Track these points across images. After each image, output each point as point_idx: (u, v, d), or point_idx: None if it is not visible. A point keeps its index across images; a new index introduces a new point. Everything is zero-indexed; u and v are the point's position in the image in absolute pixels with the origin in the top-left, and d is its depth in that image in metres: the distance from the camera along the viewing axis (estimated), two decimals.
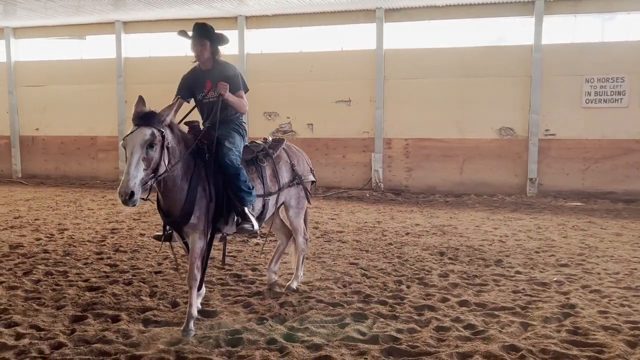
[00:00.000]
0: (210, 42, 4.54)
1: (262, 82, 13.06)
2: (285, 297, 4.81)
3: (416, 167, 12.32)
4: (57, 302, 4.61)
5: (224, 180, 4.14)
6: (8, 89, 14.54)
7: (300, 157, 5.09)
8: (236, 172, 4.16)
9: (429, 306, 4.57)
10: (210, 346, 3.72)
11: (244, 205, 4.19)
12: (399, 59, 12.27)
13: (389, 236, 7.59)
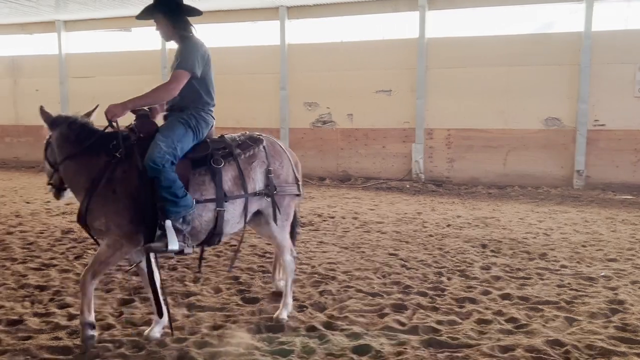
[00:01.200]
0: (164, 14, 3.80)
1: (302, 73, 13.11)
2: (324, 285, 4.85)
3: (458, 158, 12.12)
4: (106, 286, 4.79)
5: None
6: (59, 80, 15.09)
7: (285, 160, 4.07)
8: (156, 176, 3.41)
9: (470, 298, 4.52)
10: (251, 331, 3.80)
11: (165, 217, 3.42)
12: (442, 48, 12.05)
13: (430, 228, 7.52)
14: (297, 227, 4.59)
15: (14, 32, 15.71)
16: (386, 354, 3.43)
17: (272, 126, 13.43)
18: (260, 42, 13.55)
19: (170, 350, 3.45)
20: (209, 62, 3.84)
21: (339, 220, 8.03)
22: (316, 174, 13.06)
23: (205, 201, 3.60)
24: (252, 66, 13.49)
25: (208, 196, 3.63)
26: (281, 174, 4.00)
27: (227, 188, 3.69)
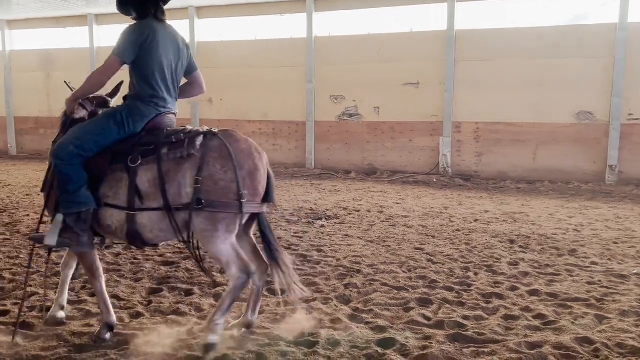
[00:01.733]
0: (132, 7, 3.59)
1: (329, 65, 13.09)
2: (349, 278, 4.86)
3: (487, 152, 11.96)
4: (135, 275, 4.90)
5: None
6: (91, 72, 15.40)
7: (229, 165, 3.23)
8: (54, 166, 3.34)
9: (497, 294, 4.47)
10: (277, 322, 3.83)
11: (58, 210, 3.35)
12: (471, 40, 11.87)
13: (457, 222, 7.44)
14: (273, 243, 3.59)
15: (48, 26, 16.08)
16: (411, 347, 3.42)
17: (298, 119, 13.48)
18: (287, 35, 13.58)
19: (198, 339, 3.50)
20: (150, 48, 3.42)
21: (364, 213, 8.02)
22: (342, 167, 13.06)
23: (113, 204, 3.32)
24: (279, 59, 13.52)
25: (118, 196, 3.30)
26: (220, 182, 3.23)
27: (143, 190, 3.25)
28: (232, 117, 14.18)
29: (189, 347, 3.41)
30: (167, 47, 3.53)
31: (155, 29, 3.49)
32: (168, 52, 3.53)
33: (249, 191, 3.28)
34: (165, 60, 3.51)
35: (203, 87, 3.95)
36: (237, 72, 14.01)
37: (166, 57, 3.51)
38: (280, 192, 9.99)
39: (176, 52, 3.60)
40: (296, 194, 9.80)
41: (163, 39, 3.51)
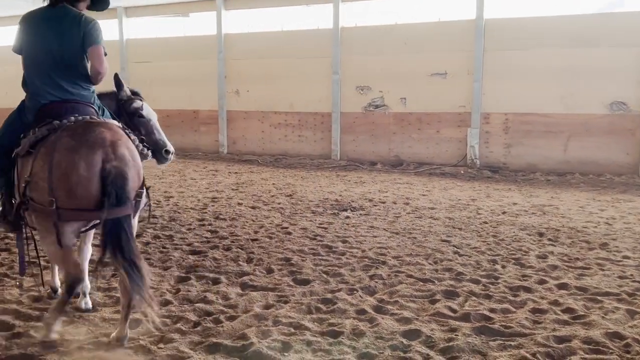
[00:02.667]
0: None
1: (355, 56, 13.01)
2: (375, 270, 4.86)
3: (516, 144, 11.74)
4: (164, 264, 4.99)
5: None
6: (120, 65, 15.64)
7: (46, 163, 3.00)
8: None
9: (525, 287, 4.41)
10: (302, 312, 3.87)
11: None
12: (501, 29, 11.63)
13: (484, 214, 7.36)
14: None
15: None
16: (437, 339, 3.41)
17: (323, 110, 13.46)
18: (313, 26, 13.55)
19: (224, 327, 3.56)
20: (23, 39, 3.43)
21: (390, 205, 7.99)
22: (367, 158, 13.01)
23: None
24: (305, 50, 13.50)
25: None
26: (39, 182, 3.03)
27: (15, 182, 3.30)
28: (259, 109, 14.25)
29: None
30: (43, 32, 3.39)
31: (31, 18, 3.45)
32: (45, 38, 3.38)
33: (64, 194, 2.96)
34: (42, 48, 3.38)
35: (96, 66, 3.46)
36: (264, 63, 14.05)
37: (43, 44, 3.38)
38: (305, 183, 10.03)
39: (59, 35, 3.38)
40: (321, 185, 9.82)
41: (39, 26, 3.41)
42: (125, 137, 3.25)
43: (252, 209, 7.59)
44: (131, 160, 3.10)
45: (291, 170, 11.99)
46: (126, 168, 3.03)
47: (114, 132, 3.16)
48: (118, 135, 3.16)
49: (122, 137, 3.19)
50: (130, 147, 3.20)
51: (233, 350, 3.25)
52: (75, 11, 3.48)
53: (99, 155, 2.97)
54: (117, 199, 2.96)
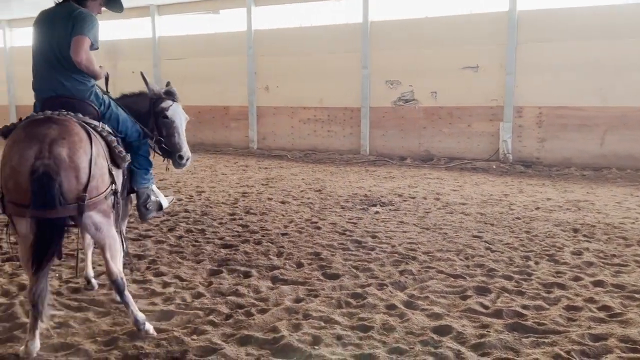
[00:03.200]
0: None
1: (385, 50, 12.93)
2: (405, 265, 4.84)
3: (550, 138, 11.48)
4: (197, 257, 5.08)
5: None
6: (153, 62, 15.92)
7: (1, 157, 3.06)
8: None
9: (559, 284, 4.33)
10: (332, 306, 3.89)
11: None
12: (534, 21, 11.37)
13: (517, 210, 7.23)
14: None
15: (112, 18, 16.70)
16: (468, 335, 3.38)
17: (353, 105, 13.43)
18: (343, 21, 13.50)
19: (255, 320, 3.61)
20: (33, 37, 3.60)
21: (420, 200, 7.93)
22: (397, 153, 12.93)
23: None
24: (334, 45, 13.48)
25: None
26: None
27: None
28: (288, 104, 14.30)
29: None
30: (45, 30, 3.52)
31: (39, 17, 3.60)
32: (45, 35, 3.51)
33: (4, 186, 2.98)
34: (42, 45, 3.52)
35: (73, 56, 3.43)
36: (293, 59, 14.09)
37: (43, 41, 3.51)
38: (335, 178, 10.04)
39: (55, 31, 3.47)
40: (350, 181, 9.81)
41: (42, 24, 3.55)
42: (80, 136, 3.06)
43: (282, 203, 7.65)
44: (66, 161, 2.91)
45: (320, 166, 12.01)
46: (56, 168, 2.87)
47: (64, 130, 3.01)
48: (66, 133, 3.00)
49: (70, 135, 3.01)
50: (76, 147, 2.98)
51: (264, 342, 3.29)
52: (76, 8, 3.53)
53: (32, 150, 2.89)
54: (42, 199, 2.84)
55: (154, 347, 3.20)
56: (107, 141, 3.36)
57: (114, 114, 3.72)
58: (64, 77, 3.49)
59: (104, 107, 3.67)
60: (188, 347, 3.19)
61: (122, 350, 3.16)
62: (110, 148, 3.36)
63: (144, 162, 3.91)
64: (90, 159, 3.02)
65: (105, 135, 3.36)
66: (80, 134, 3.08)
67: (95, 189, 3.06)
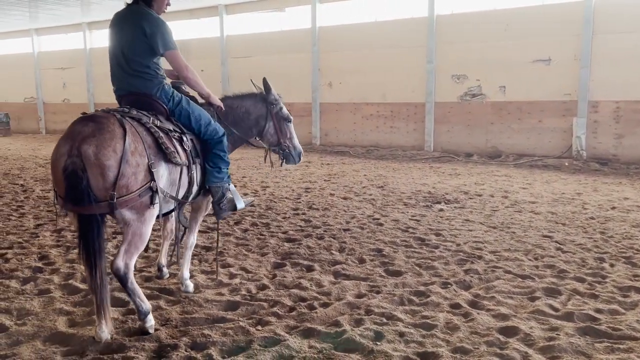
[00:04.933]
0: None
1: (451, 44, 12.65)
2: (470, 264, 4.73)
3: (628, 134, 10.83)
4: (261, 250, 5.20)
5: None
6: (221, 60, 16.38)
7: None
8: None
9: (636, 288, 4.09)
10: (395, 303, 3.87)
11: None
12: (612, 11, 10.75)
13: (591, 209, 6.89)
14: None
15: (183, 18, 17.35)
16: (536, 338, 3.27)
17: (417, 101, 13.24)
18: (407, 15, 13.32)
19: (318, 313, 3.65)
20: (108, 38, 3.78)
21: (487, 198, 7.72)
22: (463, 150, 12.63)
23: None
24: (398, 40, 13.34)
25: None
26: None
27: None
28: (351, 100, 14.30)
29: None
30: (116, 32, 3.70)
31: (112, 19, 3.76)
32: (116, 36, 3.69)
33: (55, 183, 3.16)
34: (117, 46, 3.68)
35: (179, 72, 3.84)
36: (357, 55, 14.06)
37: (114, 41, 3.70)
38: (397, 175, 9.95)
39: (123, 31, 3.64)
40: (414, 177, 9.69)
41: (114, 25, 3.72)
42: (112, 134, 3.06)
43: (344, 199, 7.67)
44: (91, 159, 2.95)
45: (383, 162, 11.93)
46: (82, 165, 2.93)
47: (97, 128, 3.04)
48: (98, 131, 3.03)
49: (101, 133, 3.03)
50: (104, 145, 2.99)
51: (327, 336, 3.32)
52: (144, 11, 3.67)
53: (66, 148, 2.99)
54: (72, 195, 2.95)
55: (220, 335, 3.31)
56: (154, 137, 3.32)
57: (184, 110, 3.77)
58: (132, 76, 3.65)
59: (173, 103, 3.74)
60: (253, 337, 3.28)
61: (191, 337, 3.29)
62: (158, 144, 3.32)
63: (217, 161, 3.90)
64: (120, 157, 3.01)
65: (153, 131, 3.34)
66: (114, 132, 3.07)
67: (125, 188, 3.05)
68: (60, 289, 4.15)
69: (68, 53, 20.46)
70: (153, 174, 3.19)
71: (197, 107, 3.90)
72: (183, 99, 3.83)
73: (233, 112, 4.26)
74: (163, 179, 3.33)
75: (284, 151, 4.57)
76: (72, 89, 20.57)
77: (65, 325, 3.50)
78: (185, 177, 3.57)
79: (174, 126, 3.65)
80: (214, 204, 4.00)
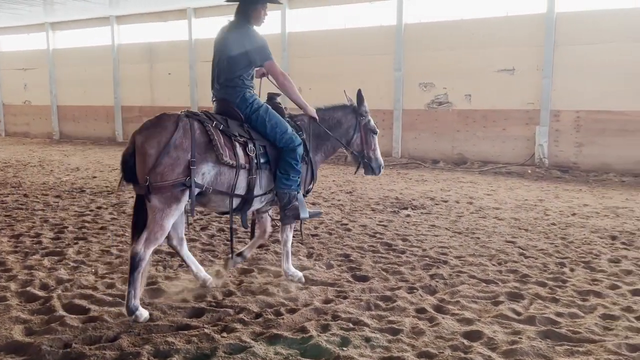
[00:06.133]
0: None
1: (419, 52, 12.83)
2: (435, 269, 4.79)
3: (588, 143, 11.18)
4: (228, 256, 5.13)
5: None
6: (189, 64, 16.19)
7: None
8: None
9: (595, 292, 4.21)
10: (361, 308, 3.88)
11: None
12: (573, 23, 11.10)
13: (552, 216, 7.07)
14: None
15: (151, 20, 17.11)
16: (499, 341, 3.32)
17: (385, 107, 13.37)
18: (377, 23, 13.46)
19: (285, 319, 3.63)
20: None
21: (452, 204, 7.84)
22: (429, 156, 12.81)
23: None
24: (368, 47, 13.45)
25: None
26: None
27: None
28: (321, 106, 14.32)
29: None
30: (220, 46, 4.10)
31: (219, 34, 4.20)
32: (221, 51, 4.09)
33: None
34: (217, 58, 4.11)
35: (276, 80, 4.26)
36: (327, 61, 14.12)
37: (219, 55, 4.10)
38: (365, 180, 10.02)
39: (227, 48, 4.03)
40: (382, 183, 9.77)
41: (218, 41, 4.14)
42: (165, 129, 3.52)
43: (313, 205, 7.67)
44: (139, 146, 3.50)
45: (351, 168, 11.96)
46: (131, 151, 3.55)
47: (156, 122, 3.58)
48: (154, 125, 3.55)
49: (155, 127, 3.54)
50: (152, 137, 3.49)
51: (293, 342, 3.31)
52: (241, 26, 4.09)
53: (131, 136, 3.62)
54: (124, 173, 3.62)
55: (184, 343, 3.25)
56: (209, 138, 3.64)
57: (260, 118, 4.01)
58: (222, 85, 4.06)
59: (250, 110, 4.01)
60: (218, 344, 3.24)
61: (154, 345, 3.22)
62: (210, 145, 3.64)
63: (288, 168, 4.02)
64: (162, 149, 3.44)
65: (210, 133, 3.66)
66: (166, 127, 3.53)
67: (159, 175, 3.44)
68: (17, 296, 4.02)
69: (29, 53, 19.88)
70: (191, 171, 3.50)
71: (275, 115, 4.10)
72: (262, 108, 4.07)
73: (326, 122, 4.53)
74: (207, 177, 3.64)
75: (366, 161, 4.74)
76: (34, 90, 19.99)
77: (22, 334, 3.38)
78: (243, 179, 3.83)
79: (244, 132, 3.91)
80: (281, 208, 4.13)
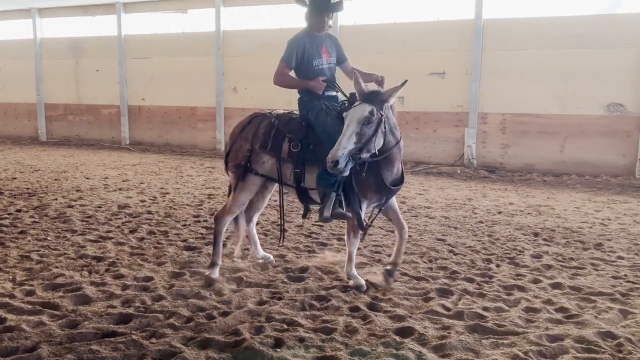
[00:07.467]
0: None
1: (352, 54, 12.97)
2: (369, 267, 4.85)
3: (513, 144, 11.75)
4: (158, 259, 4.98)
5: None
6: (118, 60, 15.60)
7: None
8: None
9: (518, 286, 4.41)
10: (296, 309, 3.86)
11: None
12: (499, 29, 11.63)
13: (480, 214, 7.36)
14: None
15: (76, 14, 16.33)
16: (429, 337, 3.41)
17: None
18: None
19: (217, 323, 3.55)
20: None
21: None
22: None
23: None
24: None
25: None
26: None
27: None
28: (257, 106, 14.17)
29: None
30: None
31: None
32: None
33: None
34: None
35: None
36: (262, 60, 13.92)
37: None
38: None
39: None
40: None
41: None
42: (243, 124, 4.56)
43: None
44: (229, 138, 4.64)
45: None
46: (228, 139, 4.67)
47: (244, 120, 4.64)
48: (240, 122, 4.65)
49: (240, 123, 4.64)
50: (233, 130, 4.63)
51: (225, 345, 3.24)
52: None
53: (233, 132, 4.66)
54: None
55: (110, 350, 3.11)
56: (269, 133, 4.37)
57: (314, 119, 4.32)
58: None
59: (306, 112, 4.42)
60: (146, 351, 3.12)
61: (77, 354, 3.06)
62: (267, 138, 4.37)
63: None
64: (234, 139, 4.53)
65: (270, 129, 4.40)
66: (243, 123, 4.60)
67: (233, 158, 4.51)
68: None
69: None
70: (248, 157, 4.39)
71: (324, 120, 4.25)
72: (320, 113, 4.30)
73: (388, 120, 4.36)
74: (266, 165, 4.44)
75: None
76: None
77: None
78: (287, 170, 4.37)
79: (298, 130, 4.31)
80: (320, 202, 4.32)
